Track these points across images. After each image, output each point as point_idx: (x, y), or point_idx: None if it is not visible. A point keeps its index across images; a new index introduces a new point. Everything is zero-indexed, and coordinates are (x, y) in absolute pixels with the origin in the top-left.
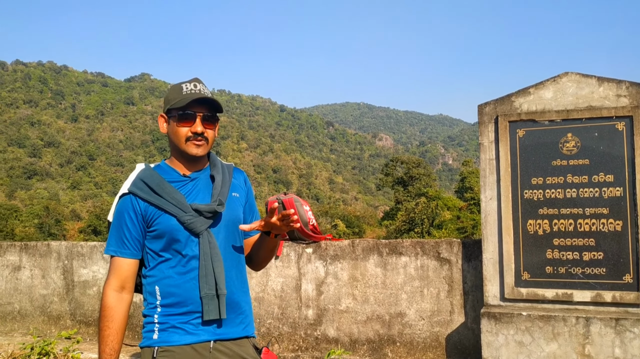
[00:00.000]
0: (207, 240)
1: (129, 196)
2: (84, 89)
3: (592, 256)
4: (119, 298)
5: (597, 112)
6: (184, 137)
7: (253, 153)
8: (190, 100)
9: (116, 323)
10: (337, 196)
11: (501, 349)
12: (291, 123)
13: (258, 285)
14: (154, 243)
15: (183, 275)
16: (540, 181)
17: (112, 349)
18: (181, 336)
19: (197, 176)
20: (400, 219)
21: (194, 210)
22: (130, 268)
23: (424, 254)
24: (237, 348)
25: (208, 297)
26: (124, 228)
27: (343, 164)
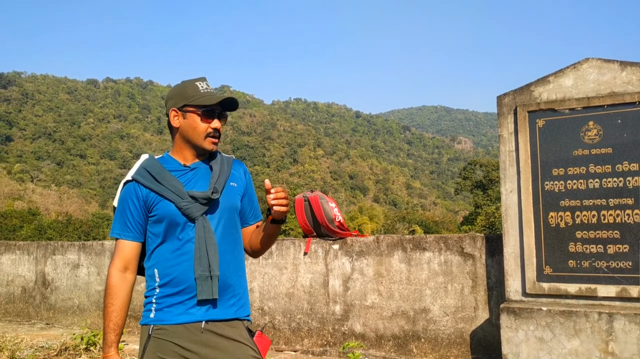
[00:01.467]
0: (202, 224)
1: (132, 183)
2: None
3: (616, 249)
4: (122, 278)
5: (619, 98)
6: (204, 133)
7: (329, 160)
8: (220, 99)
9: (119, 300)
10: (415, 201)
11: (521, 346)
12: (367, 129)
13: (288, 281)
14: (154, 227)
15: (179, 257)
16: (562, 172)
17: (115, 324)
18: (174, 315)
19: (196, 166)
20: (479, 224)
21: (190, 197)
22: (133, 250)
23: (447, 249)
24: (228, 328)
25: (202, 278)
26: (127, 213)
27: (421, 169)
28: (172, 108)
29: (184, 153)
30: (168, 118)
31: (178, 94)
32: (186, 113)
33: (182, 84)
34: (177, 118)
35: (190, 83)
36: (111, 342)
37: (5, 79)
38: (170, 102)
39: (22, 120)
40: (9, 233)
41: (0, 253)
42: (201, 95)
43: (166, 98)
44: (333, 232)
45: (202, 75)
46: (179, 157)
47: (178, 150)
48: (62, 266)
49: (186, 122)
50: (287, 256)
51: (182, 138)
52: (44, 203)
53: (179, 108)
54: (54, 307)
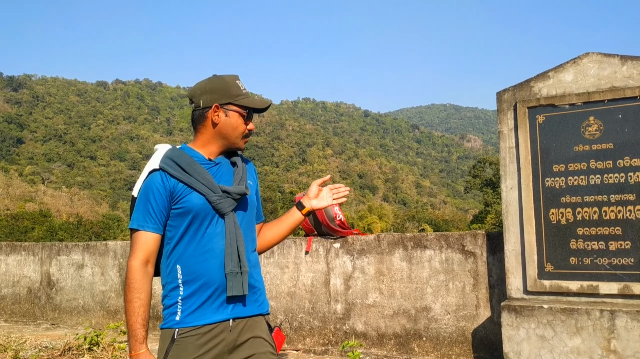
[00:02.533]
0: (232, 220)
1: (159, 172)
2: (177, 104)
3: (618, 245)
4: (145, 272)
5: (620, 92)
6: (242, 133)
7: (338, 159)
8: (266, 105)
9: (145, 294)
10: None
11: (522, 344)
12: (376, 128)
13: (290, 280)
14: (177, 220)
15: (205, 253)
16: (562, 168)
17: (144, 319)
18: (203, 315)
19: (220, 161)
20: (490, 222)
21: (222, 191)
22: (154, 242)
23: (448, 247)
24: (253, 324)
25: (232, 274)
26: (152, 202)
27: (430, 167)
28: (215, 103)
29: (211, 148)
30: (201, 111)
31: (221, 90)
32: (229, 112)
33: (222, 80)
34: (218, 114)
35: (232, 81)
36: (142, 338)
37: (16, 82)
38: (210, 96)
39: (32, 122)
40: (20, 234)
41: (6, 254)
42: (244, 96)
43: (200, 90)
44: (334, 231)
45: (213, 74)
46: (203, 150)
47: (205, 143)
48: (67, 267)
49: (228, 120)
50: (289, 255)
51: (218, 134)
52: (55, 205)
53: (221, 104)
54: (59, 307)
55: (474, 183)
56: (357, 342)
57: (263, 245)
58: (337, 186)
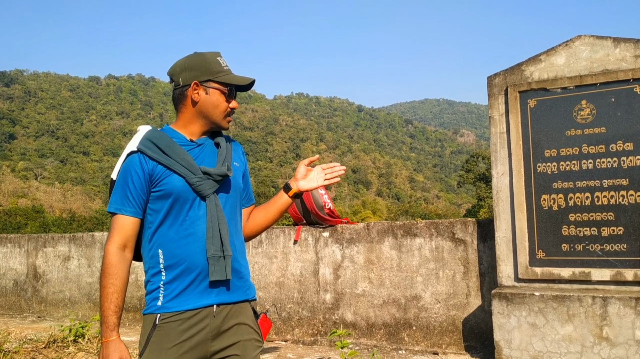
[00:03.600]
0: (213, 202)
1: (137, 154)
2: (168, 99)
3: (611, 231)
4: (122, 256)
5: (612, 75)
6: (224, 112)
7: (332, 154)
8: (250, 81)
9: (120, 280)
10: (418, 195)
11: (513, 332)
12: (369, 123)
13: (279, 270)
14: (157, 203)
15: (187, 237)
16: (554, 153)
17: (116, 306)
18: (185, 300)
19: (203, 142)
20: (483, 216)
21: (203, 173)
22: (133, 226)
23: (438, 235)
24: (238, 311)
25: (214, 258)
26: (130, 185)
27: (423, 162)
28: (194, 80)
29: (192, 128)
30: (180, 89)
31: (200, 67)
32: (209, 89)
33: (202, 57)
34: (198, 92)
35: (212, 57)
36: (114, 325)
37: (7, 77)
38: (190, 74)
39: (25, 118)
40: (13, 230)
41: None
42: (226, 73)
43: (180, 67)
44: (323, 219)
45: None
46: (185, 131)
47: (186, 123)
48: (53, 259)
49: (208, 97)
50: (277, 244)
51: (199, 113)
52: (47, 201)
53: (201, 82)
54: (45, 300)
55: (467, 178)
56: (345, 331)
57: (253, 229)
58: (331, 165)
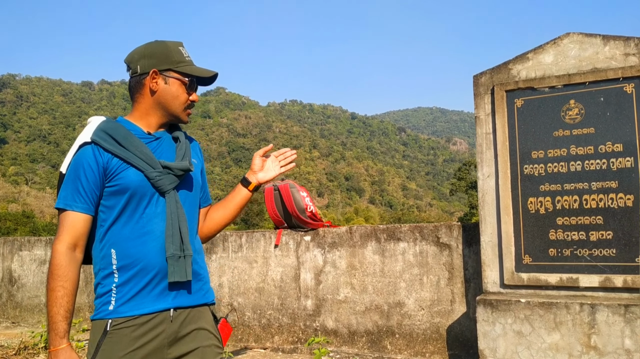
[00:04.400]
0: (173, 199)
1: (91, 146)
2: None
3: (600, 236)
4: (72, 257)
5: (602, 74)
6: (184, 104)
7: (325, 162)
8: (212, 74)
9: (70, 283)
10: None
11: (498, 340)
12: (362, 131)
13: (259, 275)
14: (111, 199)
15: (143, 236)
16: (542, 154)
17: (67, 311)
18: (139, 304)
19: (161, 135)
20: None
21: (163, 167)
22: (84, 224)
23: (422, 239)
24: (197, 315)
25: (174, 258)
26: (82, 179)
27: (416, 170)
28: (153, 69)
29: (150, 120)
30: (137, 77)
31: (161, 55)
32: (169, 79)
33: (164, 44)
34: (157, 81)
35: (174, 46)
36: (64, 332)
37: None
38: (148, 61)
39: (16, 122)
40: (2, 235)
41: None
42: (187, 63)
43: (138, 54)
44: (304, 223)
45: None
46: (141, 123)
47: (143, 115)
48: (29, 263)
49: (168, 87)
50: (258, 249)
51: (157, 104)
52: (38, 206)
53: (160, 70)
54: (20, 305)
55: (460, 186)
56: (324, 338)
57: (211, 229)
58: (281, 151)
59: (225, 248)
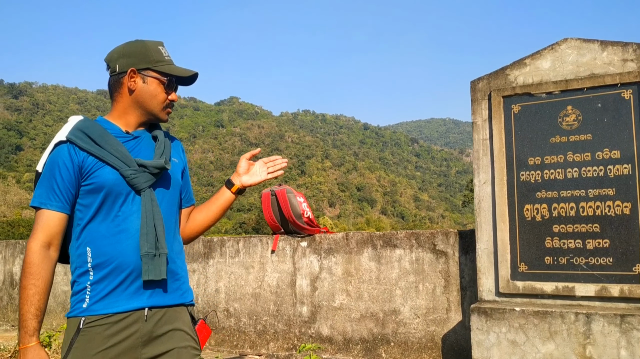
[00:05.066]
0: (149, 197)
1: (66, 145)
2: (178, 114)
3: (596, 244)
4: (46, 255)
5: (599, 80)
6: (162, 103)
7: (337, 172)
8: (191, 74)
9: (42, 281)
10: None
11: (492, 350)
12: (375, 141)
13: (255, 281)
14: (87, 198)
15: (118, 234)
16: (538, 161)
17: (37, 309)
18: (113, 302)
19: (139, 134)
20: None
21: (138, 165)
22: (59, 222)
23: (419, 246)
24: (173, 315)
25: (148, 256)
26: (57, 178)
27: (429, 181)
28: (131, 67)
29: (128, 119)
30: (116, 76)
31: (139, 54)
32: (147, 78)
33: (142, 44)
34: (135, 80)
35: (153, 45)
36: (33, 330)
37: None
38: (127, 60)
39: (32, 129)
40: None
41: None
42: (166, 63)
43: (117, 53)
44: (301, 228)
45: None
46: (120, 122)
47: (121, 114)
48: None
49: (146, 87)
50: (254, 254)
51: (135, 103)
52: None
53: (139, 69)
54: None
55: (472, 197)
56: (315, 345)
57: (193, 230)
58: (272, 158)
59: (222, 253)
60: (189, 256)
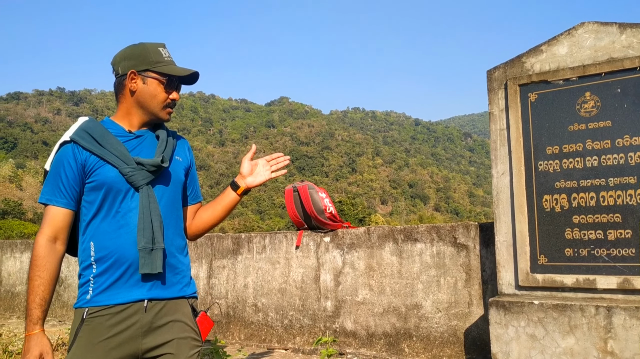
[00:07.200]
0: (146, 193)
1: (70, 144)
2: (229, 115)
3: (618, 234)
4: (51, 248)
5: (618, 64)
6: (163, 102)
7: (388, 169)
8: (189, 73)
9: (47, 273)
10: (477, 209)
11: (511, 344)
12: (427, 137)
13: (281, 276)
14: (91, 195)
15: (118, 229)
16: (556, 150)
17: (42, 299)
18: (114, 294)
19: (142, 134)
20: None
21: (136, 163)
22: (64, 218)
23: (439, 240)
24: (173, 307)
25: (145, 250)
26: (62, 176)
27: (483, 176)
28: (131, 69)
29: (132, 119)
30: (119, 78)
31: (139, 56)
32: (147, 79)
33: (143, 46)
34: (135, 81)
35: (153, 47)
36: (37, 318)
37: (77, 97)
38: (127, 63)
39: None
40: None
41: (21, 252)
42: (166, 63)
43: (120, 57)
44: (323, 224)
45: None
46: (123, 122)
47: (125, 114)
48: (74, 264)
49: (146, 87)
50: (280, 250)
51: (136, 104)
52: None
53: (139, 71)
54: (66, 304)
55: None
56: (331, 338)
57: (199, 228)
58: (274, 156)
59: (250, 249)
60: (219, 252)
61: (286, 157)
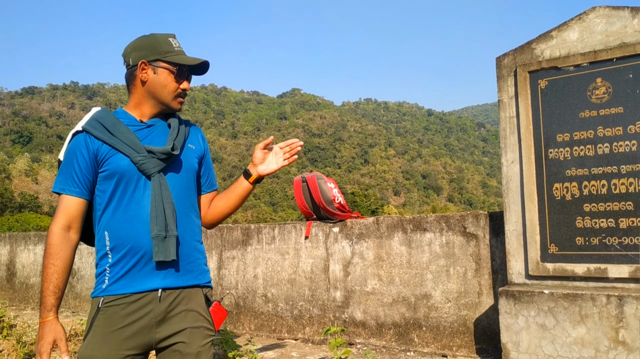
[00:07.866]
0: (158, 181)
1: (82, 134)
2: (242, 107)
3: (630, 223)
4: (65, 237)
5: (630, 49)
6: (174, 92)
7: (401, 160)
8: (199, 62)
9: (61, 261)
10: (491, 200)
11: (521, 334)
12: (439, 127)
13: (290, 266)
14: (104, 184)
15: (131, 218)
16: (567, 137)
17: (55, 286)
18: (128, 283)
19: (154, 123)
20: None
21: (147, 152)
22: (78, 207)
23: (449, 229)
24: (187, 296)
25: (158, 238)
26: (75, 166)
27: (497, 166)
28: (142, 60)
29: (143, 109)
30: (130, 69)
31: (149, 47)
32: (157, 69)
33: (153, 37)
34: (146, 71)
35: (163, 37)
36: (51, 306)
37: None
38: (138, 53)
39: None
40: None
41: (34, 244)
42: (176, 53)
43: (130, 48)
44: (332, 214)
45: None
46: (135, 112)
47: (137, 104)
48: (87, 256)
49: (156, 77)
50: (289, 240)
51: (148, 94)
52: None
53: (149, 61)
54: (79, 296)
55: None
56: (339, 328)
57: (215, 216)
58: (288, 142)
59: (259, 240)
60: (228, 243)
61: (299, 142)
